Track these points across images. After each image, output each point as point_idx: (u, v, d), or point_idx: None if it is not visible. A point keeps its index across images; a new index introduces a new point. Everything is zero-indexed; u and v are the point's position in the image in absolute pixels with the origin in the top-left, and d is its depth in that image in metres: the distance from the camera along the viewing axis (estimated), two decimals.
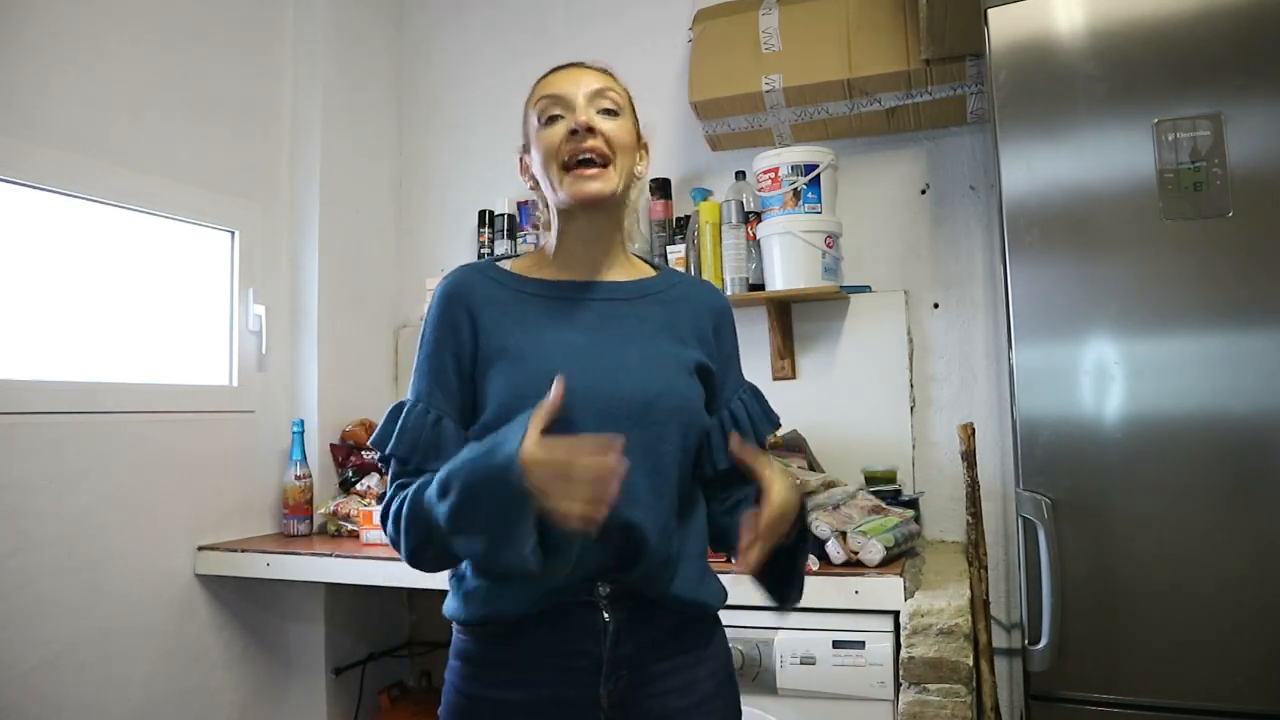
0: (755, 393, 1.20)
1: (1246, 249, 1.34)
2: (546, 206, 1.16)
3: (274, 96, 2.41)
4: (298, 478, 2.26)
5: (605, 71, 1.15)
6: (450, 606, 1.09)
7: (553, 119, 1.09)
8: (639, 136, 1.16)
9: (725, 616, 1.66)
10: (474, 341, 1.08)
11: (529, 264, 1.16)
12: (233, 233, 2.27)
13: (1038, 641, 1.40)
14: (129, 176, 1.99)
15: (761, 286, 2.16)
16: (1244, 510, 1.32)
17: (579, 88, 1.09)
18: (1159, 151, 1.38)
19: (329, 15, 2.46)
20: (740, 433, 1.13)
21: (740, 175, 2.26)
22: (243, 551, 2.07)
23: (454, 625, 1.10)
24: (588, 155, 1.06)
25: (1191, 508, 1.35)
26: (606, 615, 1.03)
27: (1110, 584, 1.38)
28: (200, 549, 2.09)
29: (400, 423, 1.06)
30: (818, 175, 2.09)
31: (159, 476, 2.02)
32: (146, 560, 1.98)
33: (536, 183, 1.14)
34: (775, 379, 2.26)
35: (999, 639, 1.97)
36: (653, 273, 1.19)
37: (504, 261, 1.17)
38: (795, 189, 2.08)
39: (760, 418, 1.17)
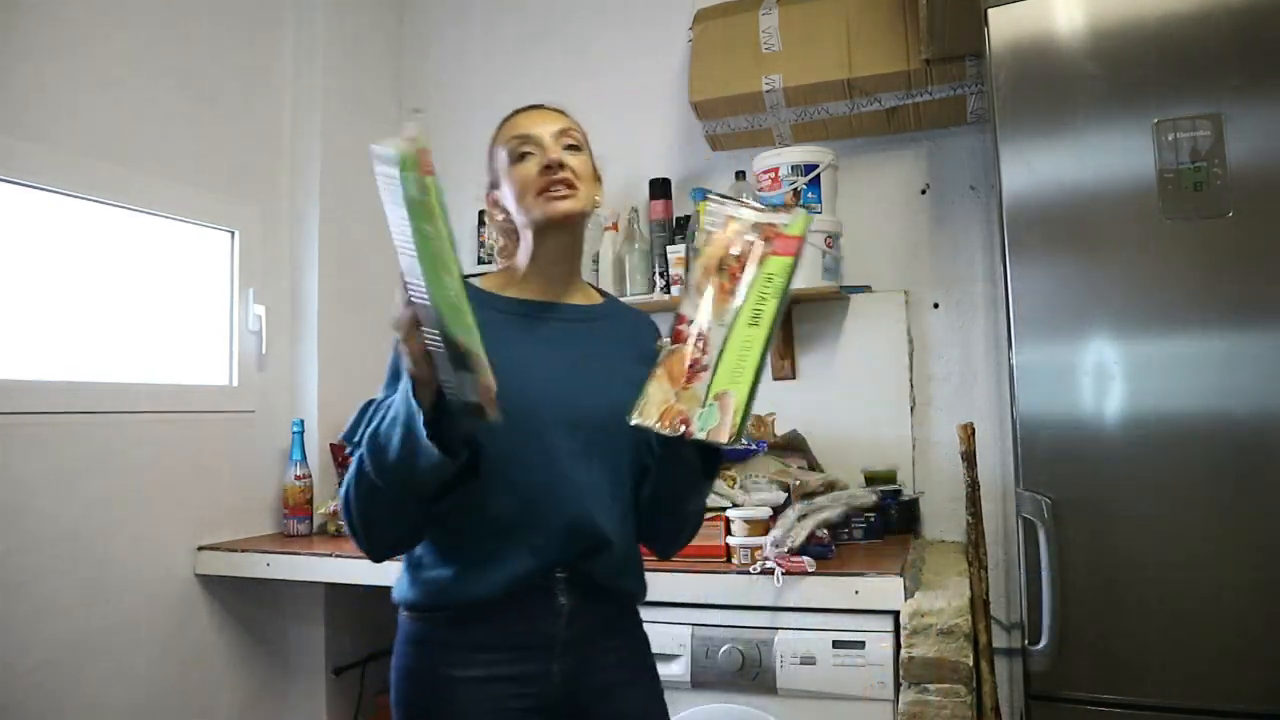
0: None
1: (1246, 249, 1.34)
2: (514, 241, 1.26)
3: (274, 96, 2.41)
4: (298, 478, 2.26)
5: (563, 113, 1.26)
6: (406, 593, 1.17)
7: (523, 156, 1.20)
8: (595, 170, 1.27)
9: (726, 616, 1.67)
10: None
11: (497, 283, 1.26)
12: (233, 233, 2.27)
13: (1038, 641, 1.40)
14: (129, 176, 1.99)
15: None
16: (1244, 510, 1.32)
17: (545, 128, 1.20)
18: (1159, 151, 1.38)
19: (329, 15, 2.46)
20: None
21: (740, 175, 2.26)
22: (243, 551, 2.06)
23: (406, 613, 1.18)
24: (559, 184, 1.17)
25: (1191, 507, 1.35)
26: (563, 599, 1.14)
27: (1110, 584, 1.38)
28: (200, 549, 2.09)
29: (366, 416, 1.12)
30: (818, 175, 2.09)
31: (159, 476, 2.01)
32: (146, 560, 1.97)
33: (507, 215, 1.24)
34: (775, 379, 2.26)
35: (999, 639, 1.97)
36: (600, 299, 1.31)
37: (473, 279, 1.24)
38: (795, 189, 2.08)
39: None
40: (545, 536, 1.12)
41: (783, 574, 1.60)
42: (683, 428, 1.04)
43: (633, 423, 1.05)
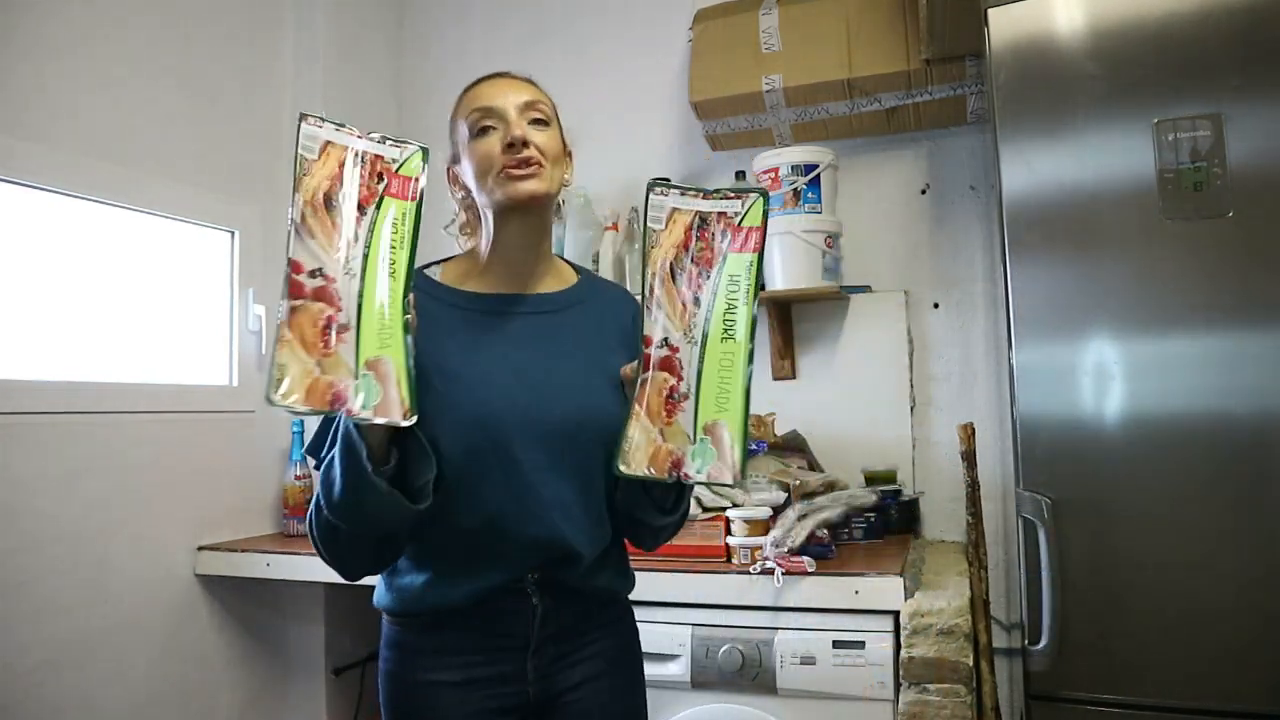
0: None
1: (1246, 249, 1.34)
2: (477, 217, 1.18)
3: (274, 96, 2.41)
4: (298, 478, 2.26)
5: (531, 82, 1.17)
6: (382, 599, 1.15)
7: (485, 130, 1.11)
8: (565, 146, 1.19)
9: (726, 616, 1.66)
10: None
11: (458, 273, 1.18)
12: (233, 233, 2.27)
13: (1038, 641, 1.40)
14: (129, 176, 1.99)
15: (762, 286, 2.16)
16: (1244, 509, 1.32)
17: (509, 99, 1.12)
18: (1159, 151, 1.38)
19: (329, 15, 2.46)
20: None
21: (740, 175, 2.26)
22: (243, 551, 2.06)
23: (385, 617, 1.16)
24: (522, 164, 1.09)
25: (1191, 507, 1.35)
26: (535, 600, 1.11)
27: (1110, 584, 1.38)
28: (200, 549, 2.09)
29: (330, 430, 1.09)
30: (818, 175, 2.09)
31: (159, 476, 2.01)
32: (147, 560, 1.97)
33: (468, 192, 1.16)
34: (775, 379, 2.25)
35: (999, 639, 1.97)
36: (575, 278, 1.23)
37: (433, 268, 1.19)
38: (795, 189, 2.08)
39: None
40: (513, 551, 1.09)
41: (783, 574, 1.60)
42: (675, 472, 0.95)
43: (620, 473, 0.96)
